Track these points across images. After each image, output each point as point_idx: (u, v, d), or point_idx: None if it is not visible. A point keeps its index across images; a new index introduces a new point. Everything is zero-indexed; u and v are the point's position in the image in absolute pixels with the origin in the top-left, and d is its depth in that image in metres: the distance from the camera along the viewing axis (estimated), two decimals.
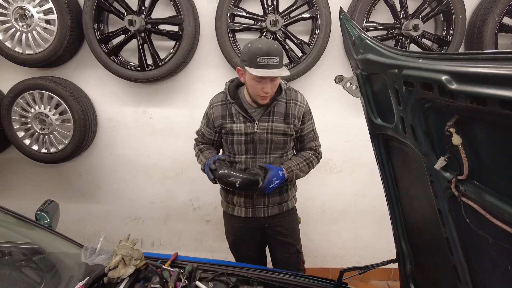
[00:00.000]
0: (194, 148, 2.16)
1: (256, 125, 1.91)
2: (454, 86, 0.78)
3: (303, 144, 2.05)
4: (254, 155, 1.96)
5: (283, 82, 1.95)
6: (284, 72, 1.74)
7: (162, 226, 3.24)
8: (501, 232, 0.82)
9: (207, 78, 2.82)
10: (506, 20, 2.43)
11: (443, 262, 1.24)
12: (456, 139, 0.86)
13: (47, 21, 2.51)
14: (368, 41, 1.22)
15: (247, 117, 1.91)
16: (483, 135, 0.83)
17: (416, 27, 2.39)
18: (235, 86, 1.98)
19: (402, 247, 1.59)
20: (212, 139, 2.08)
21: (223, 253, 2.29)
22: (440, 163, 0.95)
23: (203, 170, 2.00)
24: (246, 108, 1.92)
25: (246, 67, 1.74)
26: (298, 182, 2.13)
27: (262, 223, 2.09)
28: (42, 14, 2.49)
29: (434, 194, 1.12)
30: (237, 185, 1.82)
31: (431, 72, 0.87)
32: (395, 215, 1.54)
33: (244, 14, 2.55)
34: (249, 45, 1.73)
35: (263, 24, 2.51)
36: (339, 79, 1.37)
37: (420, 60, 0.95)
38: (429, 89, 0.89)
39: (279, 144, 1.95)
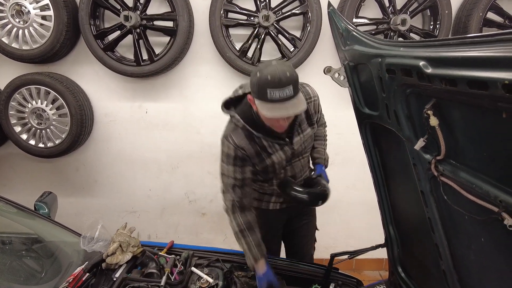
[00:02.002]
0: (229, 215, 1.75)
1: (293, 145, 1.77)
2: (429, 70, 0.85)
3: (317, 124, 1.93)
4: (289, 164, 1.83)
5: None
6: (301, 106, 1.46)
7: (158, 219, 3.28)
8: (474, 205, 0.90)
9: (201, 72, 2.85)
10: (490, 15, 2.50)
11: (426, 242, 1.31)
12: (433, 121, 0.93)
13: (44, 17, 2.53)
14: (354, 32, 1.27)
15: (283, 142, 1.72)
16: (456, 116, 0.90)
17: (404, 22, 2.46)
18: (249, 114, 1.66)
19: (390, 232, 1.66)
20: (253, 178, 1.80)
21: (218, 245, 2.33)
22: (420, 143, 1.02)
23: (251, 267, 1.73)
24: (276, 134, 1.68)
25: (256, 100, 1.48)
26: None
27: (292, 211, 2.07)
28: (39, 10, 2.51)
29: (416, 177, 1.18)
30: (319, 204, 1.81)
31: (410, 59, 0.93)
32: (383, 201, 1.60)
33: (237, 9, 2.60)
34: (258, 74, 1.43)
35: (256, 20, 2.57)
36: (327, 70, 1.43)
37: (401, 49, 1.01)
38: (409, 75, 0.95)
39: (310, 146, 1.90)
